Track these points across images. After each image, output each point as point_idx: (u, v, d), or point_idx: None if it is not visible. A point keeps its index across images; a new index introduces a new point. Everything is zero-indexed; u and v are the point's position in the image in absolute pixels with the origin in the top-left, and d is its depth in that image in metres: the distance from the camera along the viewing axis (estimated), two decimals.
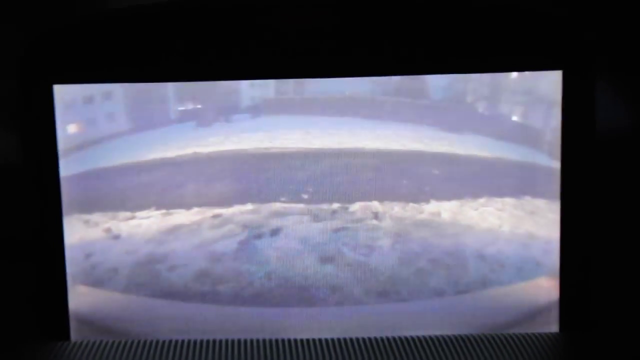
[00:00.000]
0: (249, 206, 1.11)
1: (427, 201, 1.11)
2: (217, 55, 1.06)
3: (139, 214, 1.11)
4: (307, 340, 1.09)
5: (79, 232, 1.11)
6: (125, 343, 1.09)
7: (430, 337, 1.09)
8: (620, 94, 1.04)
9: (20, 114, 1.06)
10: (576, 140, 1.07)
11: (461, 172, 1.10)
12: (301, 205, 1.11)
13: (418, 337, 1.09)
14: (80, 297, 1.12)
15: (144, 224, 1.11)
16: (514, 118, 1.10)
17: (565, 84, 1.07)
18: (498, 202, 1.10)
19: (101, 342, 1.09)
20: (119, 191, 1.11)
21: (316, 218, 1.11)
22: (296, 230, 1.11)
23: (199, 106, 1.10)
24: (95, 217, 1.11)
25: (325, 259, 1.11)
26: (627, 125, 1.04)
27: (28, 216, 1.09)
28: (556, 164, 1.09)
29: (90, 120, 1.10)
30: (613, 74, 1.03)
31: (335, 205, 1.11)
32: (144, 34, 1.05)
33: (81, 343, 1.09)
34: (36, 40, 1.05)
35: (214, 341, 1.08)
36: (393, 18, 1.05)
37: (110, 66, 1.07)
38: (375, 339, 1.08)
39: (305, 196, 1.11)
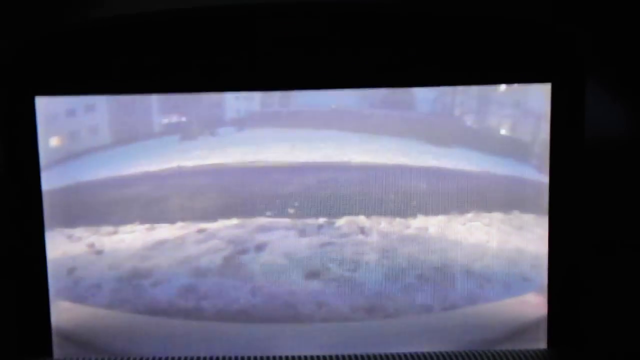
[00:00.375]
0: (234, 221, 1.10)
1: (414, 216, 1.10)
2: (201, 67, 1.05)
3: (122, 228, 1.10)
4: (293, 357, 1.08)
5: (62, 246, 1.10)
6: None
7: (417, 354, 1.08)
8: (610, 105, 1.03)
9: (1, 126, 1.05)
10: (565, 153, 1.07)
11: (449, 186, 1.09)
12: (287, 220, 1.10)
13: (405, 354, 1.08)
14: (63, 313, 1.11)
15: (128, 239, 1.10)
16: (502, 131, 1.09)
17: (554, 97, 1.06)
18: (486, 217, 1.10)
19: (84, 359, 1.08)
20: (102, 205, 1.10)
21: (302, 233, 1.10)
22: (282, 246, 1.11)
23: (183, 119, 1.09)
24: (78, 231, 1.10)
25: (311, 275, 1.11)
26: (617, 138, 1.03)
27: (9, 230, 1.07)
28: (545, 178, 1.08)
29: (73, 133, 1.08)
30: (604, 84, 1.02)
31: (322, 220, 1.10)
32: (128, 46, 1.05)
33: None
34: (17, 51, 1.04)
35: (198, 358, 1.08)
36: (379, 30, 1.05)
37: (94, 78, 1.06)
38: (362, 355, 1.07)
39: (291, 211, 1.10)
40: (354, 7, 1.04)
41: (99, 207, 1.10)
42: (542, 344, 1.12)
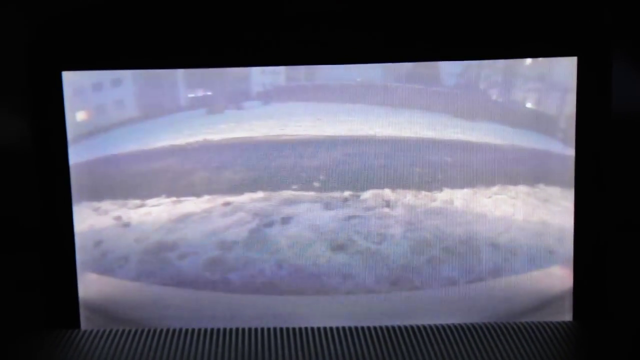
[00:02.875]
0: (260, 194, 1.10)
1: (439, 189, 1.10)
2: (227, 41, 1.06)
3: (149, 201, 1.11)
4: (318, 328, 1.08)
5: (89, 219, 1.11)
6: (136, 331, 1.08)
7: (443, 326, 1.08)
8: (637, 78, 1.03)
9: (29, 101, 1.06)
10: (591, 127, 1.06)
11: (474, 159, 1.09)
12: (312, 193, 1.10)
13: (430, 326, 1.08)
14: (90, 285, 1.12)
15: (154, 212, 1.11)
16: (528, 105, 1.09)
17: (580, 71, 1.06)
18: (511, 190, 1.10)
19: (111, 330, 1.09)
20: (129, 179, 1.10)
21: (328, 206, 1.10)
22: (307, 219, 1.11)
23: (209, 93, 1.09)
24: (105, 204, 1.11)
25: (337, 247, 1.11)
26: None
27: (37, 204, 1.08)
28: (570, 152, 1.08)
29: (100, 107, 1.09)
30: (630, 57, 1.02)
31: (347, 193, 1.10)
32: (154, 20, 1.05)
33: (91, 331, 1.09)
34: (44, 26, 1.05)
35: (225, 330, 1.08)
36: (405, 4, 1.04)
37: (120, 52, 1.06)
38: (387, 327, 1.08)
39: (317, 184, 1.10)
40: None
41: (126, 180, 1.11)
42: (568, 317, 1.12)
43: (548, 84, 1.08)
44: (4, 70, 1.04)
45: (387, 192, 1.10)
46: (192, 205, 1.11)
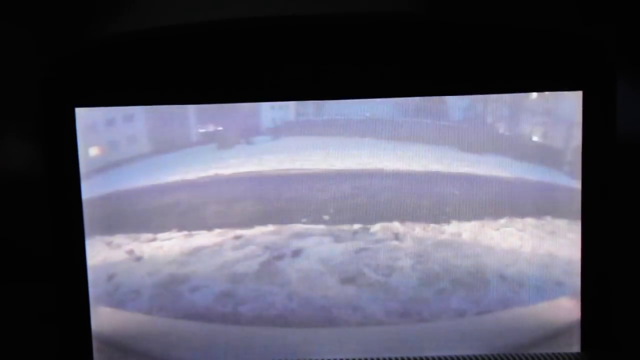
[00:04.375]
0: (270, 227, 1.11)
1: (447, 222, 1.11)
2: (237, 77, 1.07)
3: (160, 235, 1.12)
4: None
5: (102, 253, 1.12)
6: None
7: (452, 357, 1.08)
8: None
9: (43, 136, 1.07)
10: (597, 160, 1.07)
11: (482, 192, 1.10)
12: (322, 226, 1.11)
13: (439, 357, 1.08)
14: (103, 318, 1.12)
15: (166, 246, 1.12)
16: (535, 138, 1.09)
17: (586, 105, 1.06)
18: (519, 222, 1.10)
19: None
20: (141, 213, 1.11)
21: (337, 239, 1.11)
22: (317, 251, 1.12)
23: (220, 128, 1.10)
24: (118, 238, 1.12)
25: (347, 280, 1.12)
26: None
27: (51, 237, 1.09)
28: (577, 184, 1.08)
29: (112, 142, 1.10)
30: (634, 92, 1.03)
31: (356, 226, 1.11)
32: (164, 57, 1.06)
33: None
34: (57, 63, 1.06)
35: None
36: (412, 40, 1.05)
37: (132, 89, 1.07)
38: (397, 358, 1.08)
39: (327, 217, 1.11)
40: (387, 17, 1.05)
41: (138, 214, 1.12)
42: (576, 348, 1.12)
43: (554, 117, 1.09)
44: (19, 105, 1.06)
45: (396, 225, 1.11)
46: (203, 238, 1.12)
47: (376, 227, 1.11)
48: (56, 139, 1.08)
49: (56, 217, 1.09)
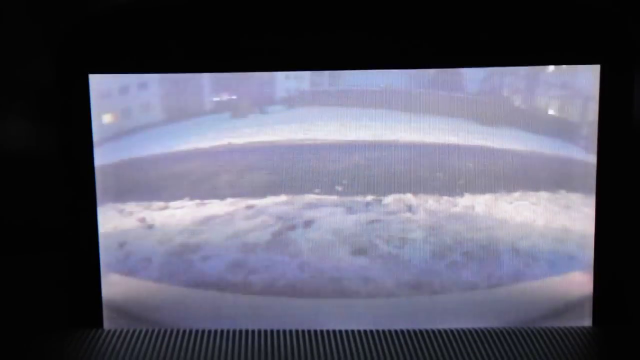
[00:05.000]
0: (283, 197, 1.11)
1: (461, 194, 1.10)
2: (252, 46, 1.06)
3: (172, 204, 1.12)
4: (339, 331, 1.09)
5: (113, 221, 1.12)
6: (158, 332, 1.09)
7: (463, 330, 1.09)
8: None
9: (56, 103, 1.07)
10: (613, 134, 1.07)
11: (496, 165, 1.09)
12: (335, 197, 1.11)
13: (450, 330, 1.09)
14: (114, 286, 1.13)
15: (178, 214, 1.12)
16: (550, 112, 1.09)
17: (603, 78, 1.06)
18: (533, 196, 1.10)
19: (134, 330, 1.10)
20: (153, 181, 1.11)
21: (350, 210, 1.11)
22: (329, 222, 1.12)
23: (234, 97, 1.10)
24: (130, 206, 1.12)
25: (358, 251, 1.12)
26: None
27: (63, 205, 1.09)
28: (592, 159, 1.08)
29: (125, 110, 1.10)
30: None
31: (369, 198, 1.11)
32: (179, 25, 1.06)
33: (114, 331, 1.10)
34: (72, 30, 1.06)
35: (246, 331, 1.09)
36: (429, 10, 1.05)
37: (146, 56, 1.07)
38: (407, 331, 1.09)
39: (339, 188, 1.11)
40: None
41: (150, 182, 1.12)
42: (587, 322, 1.12)
43: (571, 91, 1.09)
44: (32, 73, 1.05)
45: (409, 197, 1.11)
46: (215, 208, 1.12)
47: (389, 199, 1.11)
48: (69, 107, 1.08)
49: (69, 184, 1.09)
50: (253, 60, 1.07)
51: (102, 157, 1.10)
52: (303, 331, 1.09)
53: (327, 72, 1.09)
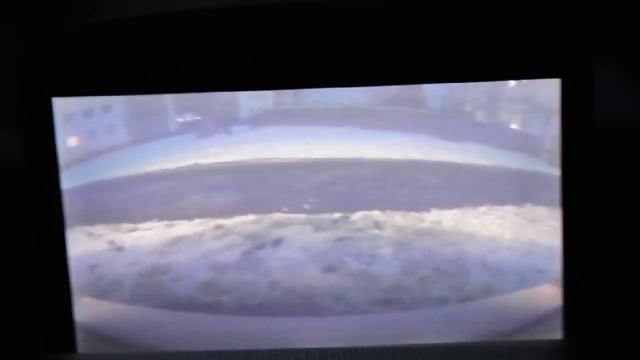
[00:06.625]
0: (251, 217, 1.11)
1: (428, 210, 1.11)
2: (215, 66, 1.06)
3: (141, 225, 1.12)
4: (312, 349, 1.08)
5: (83, 244, 1.12)
6: (132, 355, 1.09)
7: (435, 346, 1.08)
8: (620, 96, 1.03)
9: (20, 127, 1.07)
10: (575, 146, 1.07)
11: (461, 180, 1.10)
12: (303, 216, 1.11)
13: (423, 346, 1.08)
14: (86, 309, 1.13)
15: (147, 236, 1.12)
16: (513, 126, 1.09)
17: (564, 92, 1.06)
18: (499, 210, 1.10)
19: (108, 355, 1.09)
20: (121, 203, 1.11)
21: (318, 228, 1.11)
22: (298, 240, 1.12)
23: (199, 117, 1.10)
24: (98, 229, 1.12)
25: (328, 269, 1.12)
26: (628, 130, 1.03)
27: (31, 228, 1.09)
28: (556, 172, 1.08)
29: (91, 132, 1.10)
30: (612, 78, 1.03)
31: (337, 215, 1.11)
32: (142, 46, 1.06)
33: (88, 356, 1.09)
34: (34, 52, 1.06)
35: (219, 352, 1.08)
36: (389, 27, 1.05)
37: (109, 78, 1.07)
38: (380, 347, 1.08)
39: (307, 206, 1.11)
40: (364, 5, 1.05)
41: (118, 204, 1.12)
42: (558, 335, 1.12)
43: (532, 105, 1.09)
44: None
45: (377, 214, 1.11)
46: (184, 228, 1.12)
47: (356, 216, 1.11)
48: (34, 130, 1.08)
49: (36, 208, 1.09)
50: (216, 80, 1.07)
51: (69, 180, 1.10)
52: (276, 351, 1.09)
53: (290, 91, 1.08)
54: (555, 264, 1.10)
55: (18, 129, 1.07)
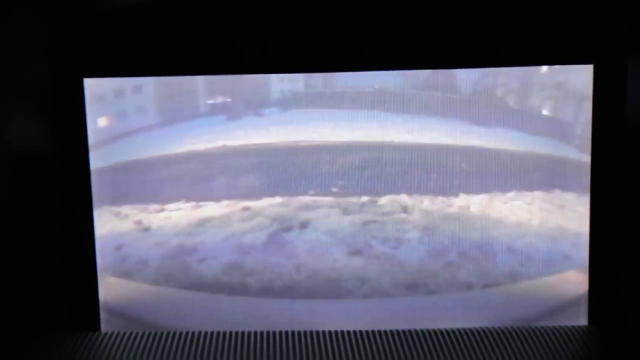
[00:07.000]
0: (278, 199, 1.11)
1: (456, 195, 1.11)
2: (247, 48, 1.07)
3: (168, 206, 1.12)
4: (335, 332, 1.09)
5: (110, 224, 1.12)
6: (155, 334, 1.09)
7: (459, 330, 1.09)
8: None
9: (51, 107, 1.07)
10: (607, 133, 1.07)
11: (490, 165, 1.09)
12: (330, 199, 1.11)
13: (446, 330, 1.09)
14: (111, 289, 1.13)
15: (174, 217, 1.12)
16: (544, 112, 1.09)
17: (596, 78, 1.06)
18: (527, 195, 1.10)
19: (131, 333, 1.10)
20: (149, 184, 1.11)
21: (345, 211, 1.11)
22: (325, 223, 1.12)
23: (229, 99, 1.10)
24: (126, 209, 1.12)
25: (354, 252, 1.12)
26: None
27: (59, 208, 1.09)
28: (586, 158, 1.09)
29: (121, 113, 1.10)
30: None
31: (364, 199, 1.11)
32: (174, 27, 1.06)
33: (111, 334, 1.10)
34: (66, 32, 1.06)
35: (242, 333, 1.09)
36: (423, 11, 1.05)
37: (141, 59, 1.07)
38: (403, 331, 1.09)
39: (335, 189, 1.11)
40: None
41: (146, 185, 1.12)
42: (583, 321, 1.12)
43: (564, 91, 1.09)
44: (27, 76, 1.05)
45: (404, 198, 1.11)
46: (211, 210, 1.12)
47: (384, 200, 1.11)
48: (65, 110, 1.08)
49: (65, 187, 1.09)
50: (247, 63, 1.07)
51: (98, 160, 1.10)
52: (299, 332, 1.09)
53: (321, 74, 1.09)
54: (582, 251, 1.11)
55: (49, 109, 1.07)
